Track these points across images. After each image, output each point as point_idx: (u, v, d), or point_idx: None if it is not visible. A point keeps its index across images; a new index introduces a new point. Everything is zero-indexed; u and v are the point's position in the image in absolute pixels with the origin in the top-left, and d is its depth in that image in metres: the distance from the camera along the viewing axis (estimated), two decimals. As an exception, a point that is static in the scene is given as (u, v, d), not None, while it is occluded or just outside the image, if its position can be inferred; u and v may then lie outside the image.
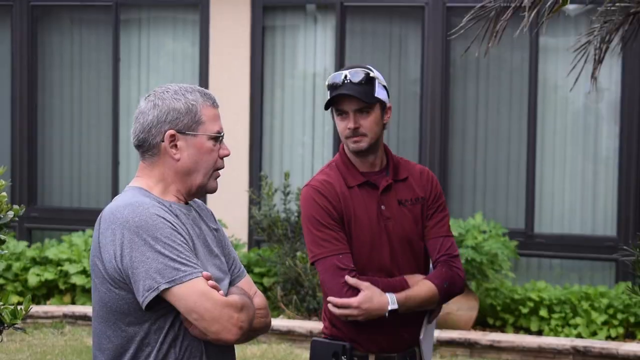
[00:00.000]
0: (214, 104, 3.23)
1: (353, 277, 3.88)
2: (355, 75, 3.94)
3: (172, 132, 3.15)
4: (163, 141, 3.15)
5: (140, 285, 2.99)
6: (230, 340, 3.04)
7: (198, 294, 2.99)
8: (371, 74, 3.97)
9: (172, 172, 3.18)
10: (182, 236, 3.06)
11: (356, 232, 3.95)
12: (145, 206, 3.05)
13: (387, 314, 3.86)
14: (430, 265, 4.11)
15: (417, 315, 4.01)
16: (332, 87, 3.96)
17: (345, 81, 3.93)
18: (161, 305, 3.03)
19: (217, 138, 3.20)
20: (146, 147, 3.18)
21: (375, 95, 3.96)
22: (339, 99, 3.94)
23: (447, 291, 3.98)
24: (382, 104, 4.00)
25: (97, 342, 3.15)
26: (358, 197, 3.98)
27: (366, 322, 3.90)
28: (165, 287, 2.98)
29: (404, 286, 3.94)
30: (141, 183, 3.20)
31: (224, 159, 3.25)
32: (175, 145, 3.16)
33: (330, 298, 3.89)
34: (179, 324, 3.07)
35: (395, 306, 3.87)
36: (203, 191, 3.23)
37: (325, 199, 3.94)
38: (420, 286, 3.95)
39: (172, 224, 3.05)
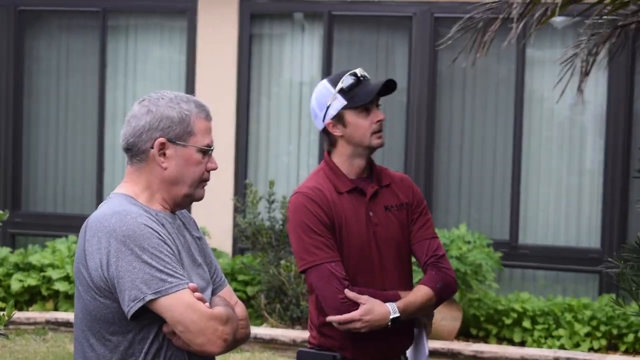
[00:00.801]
0: (208, 117, 3.21)
1: (347, 287, 3.88)
2: (364, 72, 4.02)
3: (162, 140, 3.13)
4: (152, 148, 3.13)
5: (126, 295, 2.96)
6: (215, 352, 3.03)
7: (184, 306, 2.97)
8: None
9: (158, 180, 3.16)
10: (169, 247, 3.05)
11: (347, 238, 3.95)
12: (132, 215, 3.02)
13: (389, 323, 3.87)
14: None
15: (408, 324, 4.03)
16: (354, 85, 3.98)
17: (366, 77, 4.00)
18: (146, 316, 3.01)
19: (207, 151, 3.19)
20: (134, 151, 3.15)
21: None
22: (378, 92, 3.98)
23: (442, 291, 3.99)
24: None
25: (80, 351, 3.12)
26: (347, 203, 3.99)
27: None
28: (151, 297, 2.96)
29: (398, 298, 3.95)
30: (127, 190, 3.17)
31: (211, 172, 3.24)
32: (164, 154, 3.14)
33: (330, 318, 3.88)
34: (163, 334, 3.06)
35: (397, 314, 3.88)
36: (190, 200, 3.21)
37: (316, 205, 3.94)
38: (416, 292, 3.96)
39: (159, 234, 3.03)
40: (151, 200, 3.16)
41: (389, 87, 4.03)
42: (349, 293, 3.86)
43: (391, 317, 3.87)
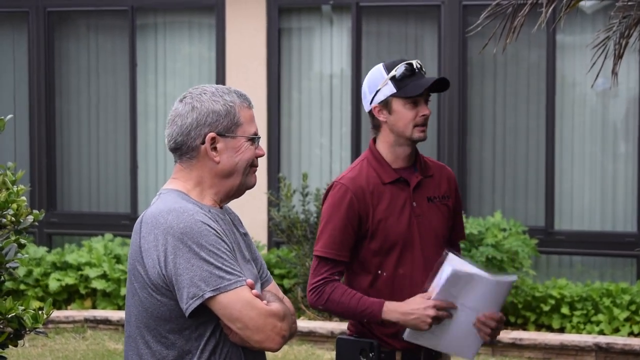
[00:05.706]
0: (250, 105, 3.23)
1: (324, 283, 3.92)
2: (420, 64, 4.02)
3: (212, 134, 3.12)
4: (203, 143, 3.12)
5: (185, 292, 2.96)
6: (273, 349, 3.02)
7: (242, 303, 2.97)
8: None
9: (212, 175, 3.15)
10: (226, 243, 3.04)
11: (386, 230, 3.95)
12: (189, 212, 3.01)
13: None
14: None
15: None
16: (406, 75, 3.98)
17: (421, 70, 4.00)
18: (204, 313, 3.00)
19: (254, 139, 3.20)
20: (184, 150, 3.14)
21: None
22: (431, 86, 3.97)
23: None
24: None
25: (134, 348, 3.10)
26: (390, 194, 3.99)
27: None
28: (210, 295, 2.95)
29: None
30: (179, 186, 3.15)
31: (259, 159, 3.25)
32: (215, 148, 3.13)
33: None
34: (219, 331, 3.05)
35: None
36: (244, 189, 3.23)
37: (350, 197, 3.94)
38: None
39: (216, 231, 3.02)
40: (203, 196, 3.15)
41: (441, 84, 4.04)
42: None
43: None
